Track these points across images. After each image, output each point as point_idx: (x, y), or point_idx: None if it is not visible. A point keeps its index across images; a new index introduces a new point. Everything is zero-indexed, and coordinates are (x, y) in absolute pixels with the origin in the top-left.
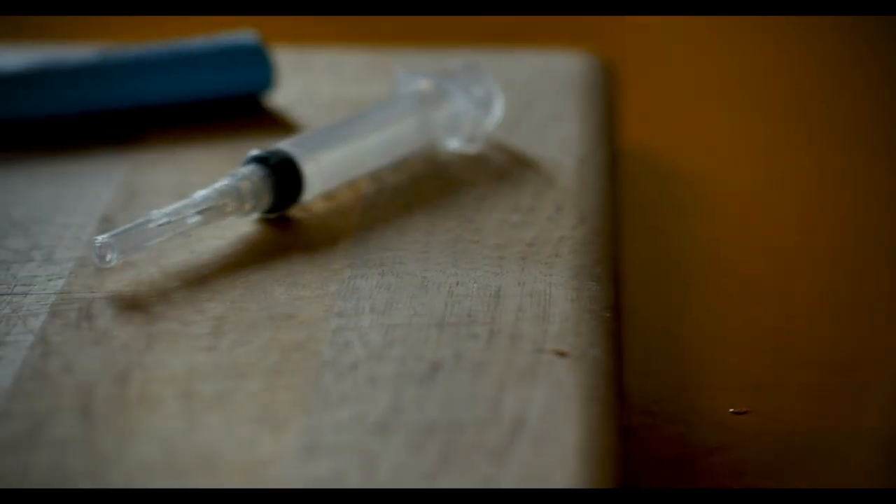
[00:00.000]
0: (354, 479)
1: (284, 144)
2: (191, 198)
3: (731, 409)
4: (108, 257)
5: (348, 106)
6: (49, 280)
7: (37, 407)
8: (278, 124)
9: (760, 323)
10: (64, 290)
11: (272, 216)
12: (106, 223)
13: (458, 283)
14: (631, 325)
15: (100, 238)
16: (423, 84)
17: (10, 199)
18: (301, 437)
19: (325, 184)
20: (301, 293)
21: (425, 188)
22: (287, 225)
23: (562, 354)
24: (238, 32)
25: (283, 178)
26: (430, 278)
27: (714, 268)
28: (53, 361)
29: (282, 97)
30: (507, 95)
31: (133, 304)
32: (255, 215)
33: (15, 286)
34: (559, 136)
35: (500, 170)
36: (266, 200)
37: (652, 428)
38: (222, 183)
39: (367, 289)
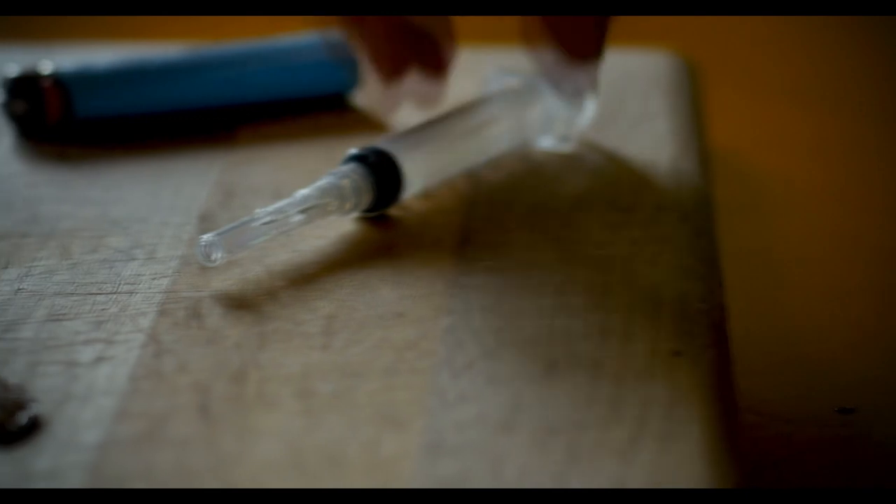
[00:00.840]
0: (481, 479)
1: (382, 143)
2: (293, 196)
3: (837, 408)
4: (214, 256)
5: None
6: (154, 279)
7: (155, 406)
8: (365, 123)
9: (860, 321)
10: (170, 289)
11: (372, 215)
12: (205, 222)
13: (564, 282)
14: (732, 324)
15: (205, 237)
16: (514, 83)
17: (106, 197)
18: (424, 437)
19: (424, 182)
20: (408, 292)
21: (523, 186)
22: (387, 223)
23: (677, 354)
24: (323, 31)
25: (384, 176)
26: (536, 277)
27: (807, 266)
28: (167, 361)
29: (365, 96)
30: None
31: (241, 303)
32: (356, 214)
33: (120, 285)
34: (651, 136)
35: (595, 169)
36: (367, 199)
37: (761, 427)
38: (324, 181)
39: (474, 287)
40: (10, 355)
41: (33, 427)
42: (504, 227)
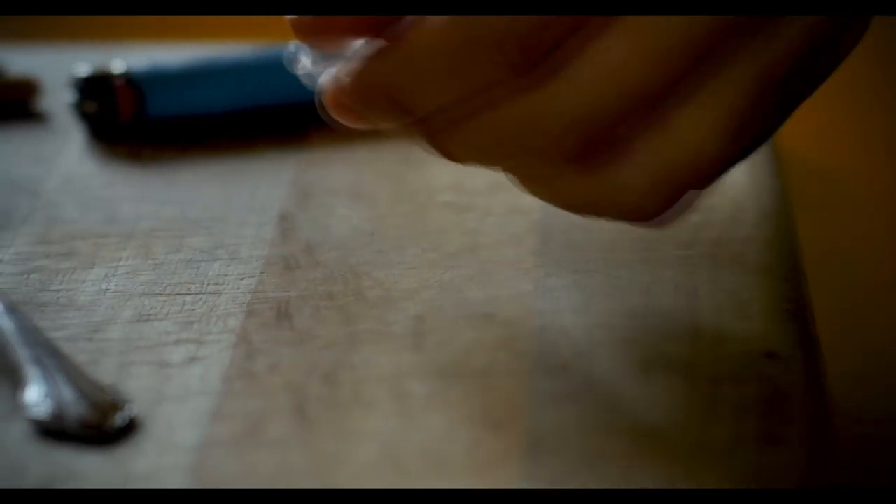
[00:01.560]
0: (585, 479)
1: None
2: None
3: None
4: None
5: None
6: (240, 279)
7: (250, 407)
8: None
9: None
10: (256, 290)
11: None
12: (285, 221)
13: (652, 282)
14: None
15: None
16: None
17: (183, 197)
18: (525, 437)
19: None
20: (496, 292)
21: None
22: (469, 223)
23: (770, 356)
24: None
25: None
26: (623, 277)
27: (887, 264)
28: (259, 361)
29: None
30: None
31: (329, 304)
32: None
33: (206, 285)
34: None
35: None
36: None
37: (852, 427)
38: None
39: (562, 288)
40: (100, 356)
41: (130, 428)
42: (584, 227)
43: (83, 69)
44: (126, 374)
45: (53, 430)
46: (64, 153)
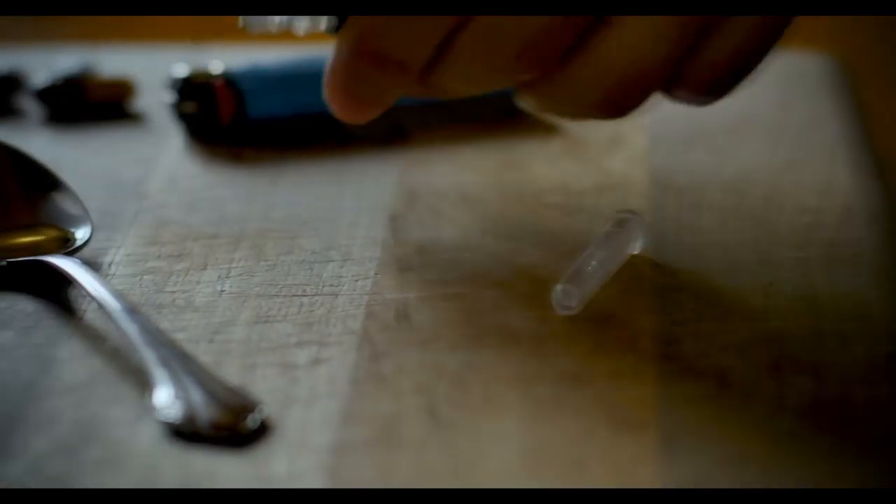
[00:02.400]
0: (723, 479)
1: None
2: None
3: None
4: (568, 304)
5: None
6: (356, 280)
7: (381, 409)
8: (532, 123)
9: None
10: (373, 291)
11: None
12: (395, 223)
13: (771, 284)
14: None
15: (560, 286)
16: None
17: (290, 198)
18: (659, 438)
19: None
20: (612, 293)
21: (710, 186)
22: (578, 225)
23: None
24: None
25: None
26: (741, 279)
27: None
28: (385, 363)
29: None
30: (763, 97)
31: (448, 305)
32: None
33: (323, 286)
34: (822, 139)
35: (778, 171)
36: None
37: None
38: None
39: (680, 288)
40: (223, 357)
41: (263, 430)
42: (695, 231)
43: (181, 70)
44: (252, 375)
45: (185, 433)
46: (164, 154)
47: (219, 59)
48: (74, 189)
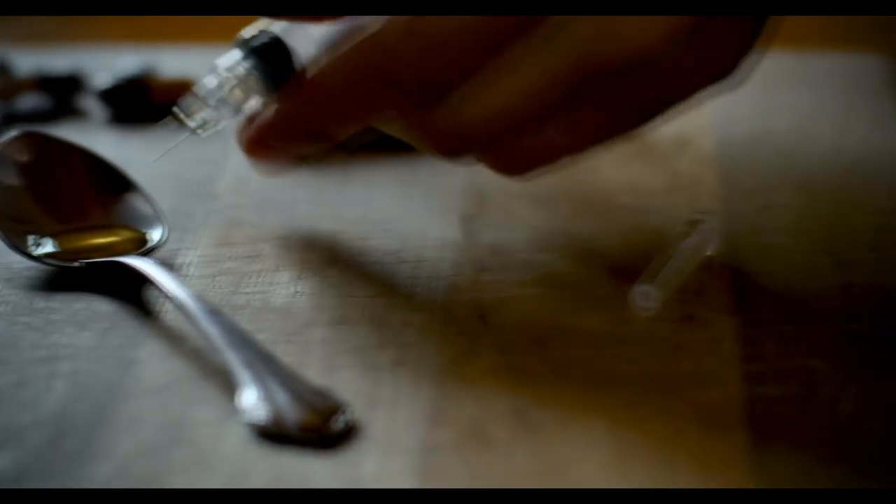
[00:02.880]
0: (815, 480)
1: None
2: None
3: None
4: (649, 304)
5: None
6: (432, 282)
7: (467, 411)
8: None
9: None
10: (450, 293)
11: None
12: (468, 224)
13: (848, 285)
14: None
15: (640, 287)
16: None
17: (359, 199)
18: (749, 439)
19: None
20: (689, 294)
21: (776, 193)
22: (656, 228)
23: None
24: None
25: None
26: (817, 280)
27: None
28: (467, 365)
29: None
30: (827, 98)
31: (523, 307)
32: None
33: (398, 288)
34: (887, 138)
35: (852, 168)
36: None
37: None
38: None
39: (757, 290)
40: (305, 358)
41: (350, 431)
42: (768, 230)
43: None
44: (334, 377)
45: (272, 434)
46: (231, 155)
47: None
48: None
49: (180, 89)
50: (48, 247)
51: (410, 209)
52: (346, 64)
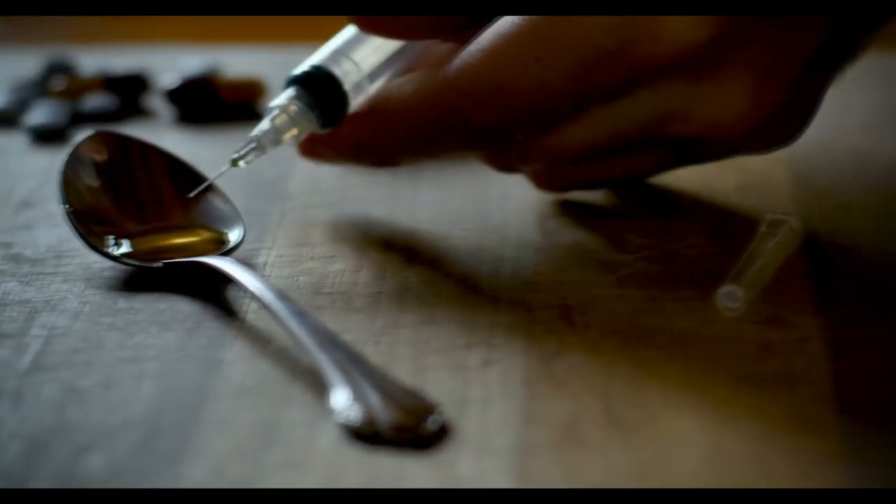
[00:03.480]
0: None
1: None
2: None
3: None
4: (733, 304)
5: None
6: (514, 281)
7: (559, 411)
8: None
9: None
10: (533, 292)
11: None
12: (545, 223)
13: None
14: None
15: (725, 289)
16: None
17: (434, 199)
18: (843, 439)
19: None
20: (773, 294)
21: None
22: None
23: None
24: None
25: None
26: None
27: None
28: (556, 364)
29: None
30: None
31: (606, 308)
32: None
33: (482, 288)
34: None
35: None
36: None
37: None
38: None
39: (840, 289)
40: (392, 359)
41: (444, 432)
42: (846, 230)
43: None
44: (423, 377)
45: (365, 435)
46: None
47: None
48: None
49: (247, 88)
50: (126, 247)
51: (485, 209)
52: (427, 103)
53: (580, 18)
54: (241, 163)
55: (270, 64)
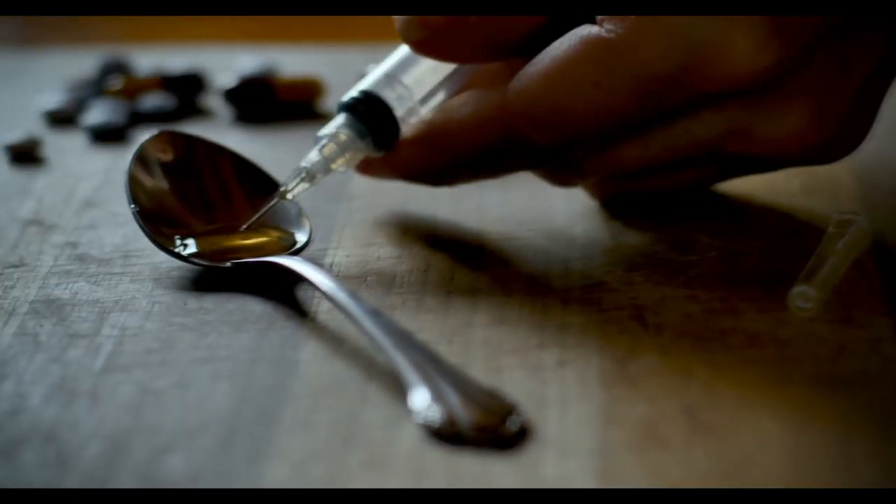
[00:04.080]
0: None
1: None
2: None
3: None
4: (805, 304)
5: None
6: (584, 282)
7: (637, 411)
8: None
9: None
10: (604, 293)
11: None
12: (613, 223)
13: None
14: None
15: (798, 289)
16: None
17: (499, 199)
18: None
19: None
20: (844, 294)
21: None
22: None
23: None
24: None
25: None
26: None
27: None
28: (631, 365)
29: None
30: None
31: (681, 307)
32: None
33: (552, 288)
34: None
35: None
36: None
37: None
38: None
39: None
40: (467, 359)
41: (524, 432)
42: None
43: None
44: (499, 377)
45: (446, 435)
46: None
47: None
48: None
49: (305, 88)
50: (194, 247)
51: (551, 209)
52: (486, 126)
53: (640, 44)
54: (290, 195)
55: (324, 63)
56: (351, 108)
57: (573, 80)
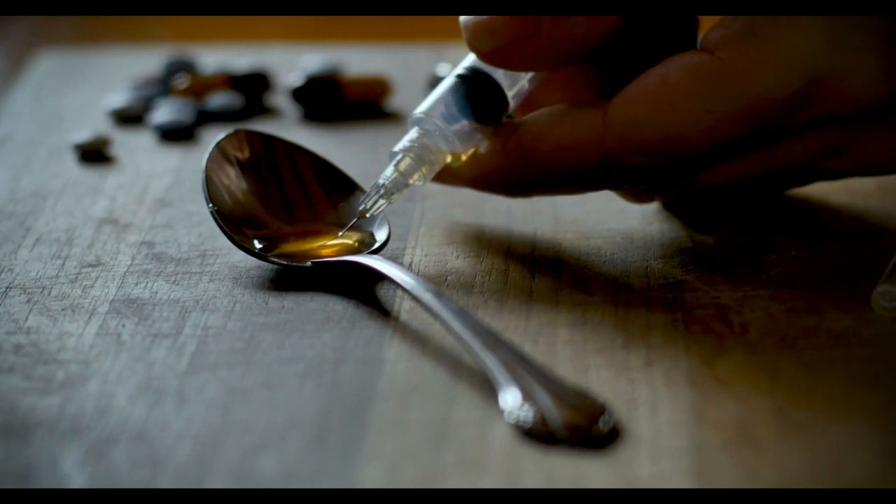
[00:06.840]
0: None
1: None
2: None
3: None
4: (893, 305)
5: None
6: (665, 280)
7: (728, 410)
8: None
9: None
10: (686, 292)
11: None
12: (690, 221)
13: None
14: None
15: (881, 288)
16: None
17: (573, 199)
18: None
19: None
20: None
21: None
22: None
23: None
24: None
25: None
26: None
27: None
28: (718, 364)
29: None
30: None
31: (764, 306)
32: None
33: (632, 288)
34: None
35: None
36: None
37: None
38: None
39: None
40: (553, 359)
41: (616, 432)
42: None
43: (445, 70)
44: (587, 377)
45: (539, 435)
46: None
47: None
48: None
49: (373, 86)
50: (273, 246)
51: (626, 208)
52: (586, 149)
53: (756, 72)
54: (369, 214)
55: (388, 62)
56: (463, 79)
57: (686, 107)
